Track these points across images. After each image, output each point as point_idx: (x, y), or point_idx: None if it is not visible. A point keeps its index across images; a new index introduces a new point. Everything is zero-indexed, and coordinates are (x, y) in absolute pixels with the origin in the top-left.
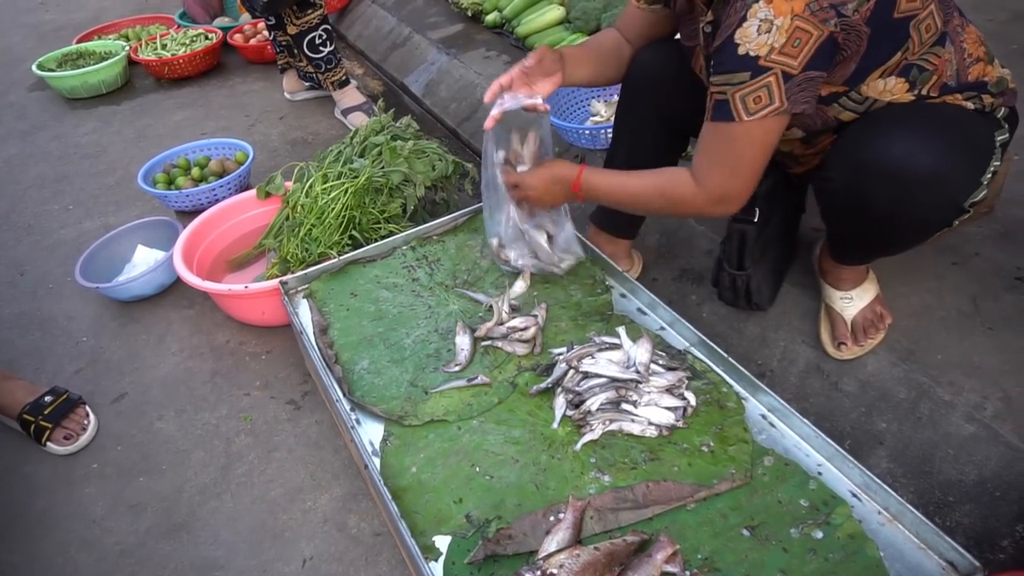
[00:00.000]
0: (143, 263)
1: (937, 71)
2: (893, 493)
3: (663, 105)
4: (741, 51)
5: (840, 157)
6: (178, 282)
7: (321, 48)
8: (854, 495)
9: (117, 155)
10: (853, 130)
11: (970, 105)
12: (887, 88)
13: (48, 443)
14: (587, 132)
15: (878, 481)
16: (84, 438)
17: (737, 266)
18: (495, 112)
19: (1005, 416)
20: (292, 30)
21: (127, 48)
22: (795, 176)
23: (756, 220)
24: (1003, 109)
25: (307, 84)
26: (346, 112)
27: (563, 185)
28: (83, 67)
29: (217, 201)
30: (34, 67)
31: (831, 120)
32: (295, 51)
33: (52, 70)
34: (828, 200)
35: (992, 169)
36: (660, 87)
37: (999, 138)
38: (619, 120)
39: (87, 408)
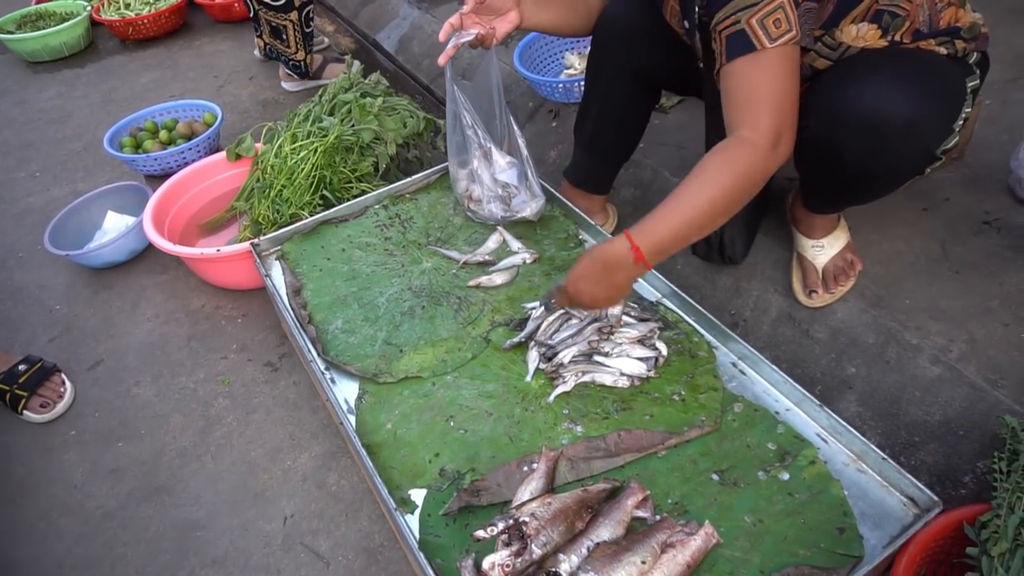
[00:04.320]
0: (114, 229)
1: (909, 16)
2: (858, 435)
3: (634, 58)
4: None
5: (813, 105)
6: (151, 248)
7: (311, 21)
8: (821, 438)
9: (83, 120)
10: (826, 78)
11: (943, 51)
12: (859, 35)
13: (25, 411)
14: (560, 86)
15: (844, 424)
16: (61, 405)
17: None
18: (449, 48)
19: (970, 357)
20: (297, 2)
21: (89, 8)
22: None
23: None
24: (975, 54)
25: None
26: (318, 73)
27: (621, 265)
28: (43, 29)
29: (186, 164)
30: None
31: (806, 68)
32: (291, 33)
33: (11, 32)
34: (802, 149)
35: (964, 116)
36: (631, 39)
37: (970, 84)
38: (590, 74)
39: (63, 376)
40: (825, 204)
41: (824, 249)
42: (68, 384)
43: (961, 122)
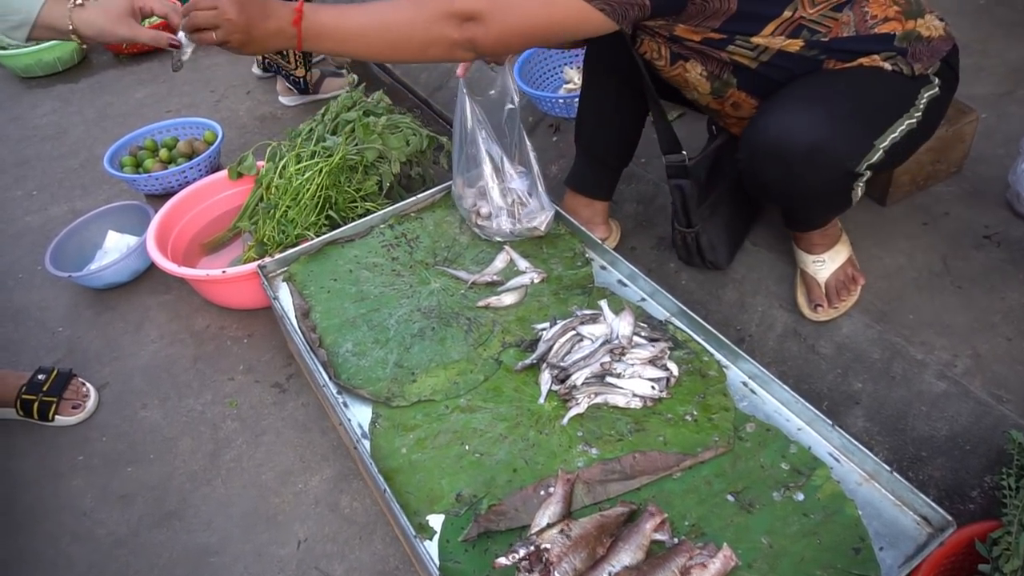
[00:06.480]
0: (115, 249)
1: (831, 33)
2: (869, 454)
3: (623, 69)
4: None
5: (743, 136)
6: (153, 267)
7: None
8: (833, 457)
9: (79, 136)
10: (759, 109)
11: (887, 66)
12: (776, 42)
13: (57, 416)
14: (561, 101)
15: (855, 442)
16: (91, 404)
17: (685, 223)
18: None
19: (974, 372)
20: None
21: None
22: None
23: (687, 162)
24: (936, 63)
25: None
26: (316, 88)
27: (277, 15)
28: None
29: (188, 183)
30: None
31: (727, 62)
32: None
33: (4, 48)
34: (743, 178)
35: (905, 127)
36: (618, 51)
37: (927, 94)
38: (584, 78)
39: (81, 379)
40: (792, 223)
41: (825, 264)
42: (88, 385)
43: (897, 135)
